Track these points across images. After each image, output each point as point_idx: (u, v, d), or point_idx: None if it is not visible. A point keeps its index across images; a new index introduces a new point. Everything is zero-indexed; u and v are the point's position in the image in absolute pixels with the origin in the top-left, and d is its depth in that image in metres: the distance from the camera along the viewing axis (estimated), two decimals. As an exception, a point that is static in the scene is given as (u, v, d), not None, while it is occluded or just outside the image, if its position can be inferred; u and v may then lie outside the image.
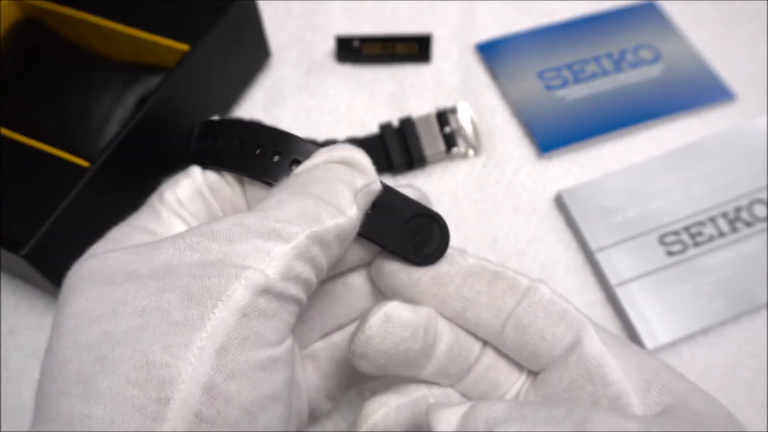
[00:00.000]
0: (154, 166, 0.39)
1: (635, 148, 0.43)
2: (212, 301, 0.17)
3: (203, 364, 0.17)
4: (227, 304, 0.17)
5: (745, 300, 0.36)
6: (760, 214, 0.39)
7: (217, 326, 0.17)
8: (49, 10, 0.42)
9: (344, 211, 0.20)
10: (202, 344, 0.17)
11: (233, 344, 0.17)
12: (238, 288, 0.17)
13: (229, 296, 0.17)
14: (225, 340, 0.17)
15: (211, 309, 0.17)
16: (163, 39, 0.39)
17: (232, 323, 0.17)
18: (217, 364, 0.17)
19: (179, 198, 0.24)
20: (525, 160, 0.43)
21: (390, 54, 0.47)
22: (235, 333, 0.17)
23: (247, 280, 0.18)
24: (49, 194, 0.32)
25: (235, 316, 0.17)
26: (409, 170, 0.42)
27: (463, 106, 0.43)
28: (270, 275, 0.18)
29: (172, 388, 0.16)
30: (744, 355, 0.35)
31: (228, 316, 0.17)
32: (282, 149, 0.23)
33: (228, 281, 0.18)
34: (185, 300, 0.17)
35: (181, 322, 0.17)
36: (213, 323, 0.17)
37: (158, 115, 0.37)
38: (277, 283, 0.18)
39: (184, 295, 0.18)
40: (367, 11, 0.51)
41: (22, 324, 0.37)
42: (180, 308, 0.17)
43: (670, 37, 0.48)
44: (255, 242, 0.19)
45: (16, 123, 0.37)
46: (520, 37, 0.49)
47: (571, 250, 0.39)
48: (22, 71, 0.42)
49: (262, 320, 0.18)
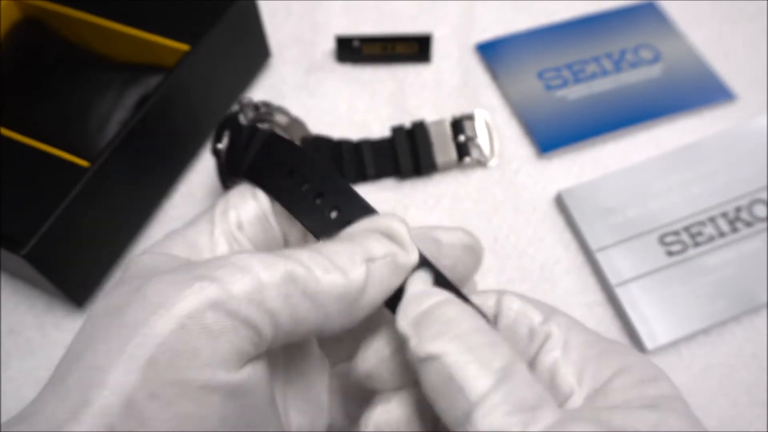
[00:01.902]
0: (153, 166, 0.39)
1: (635, 148, 0.43)
2: (157, 306, 0.16)
3: (130, 375, 0.16)
4: (168, 311, 0.16)
5: (745, 300, 0.36)
6: (760, 214, 0.39)
7: (150, 334, 0.16)
8: (49, 10, 0.42)
9: (345, 270, 0.18)
10: (133, 352, 0.16)
11: (163, 358, 0.16)
12: (187, 296, 0.16)
13: (173, 303, 0.16)
14: (154, 352, 0.16)
15: (152, 315, 0.16)
16: (163, 39, 0.39)
17: (166, 333, 0.16)
18: (143, 378, 0.16)
19: (241, 220, 0.22)
20: (525, 160, 0.43)
21: (390, 54, 0.47)
22: (167, 345, 0.16)
23: (201, 289, 0.16)
24: (49, 194, 0.32)
25: (171, 326, 0.16)
26: (417, 176, 0.42)
27: (480, 114, 0.43)
28: (231, 291, 0.17)
29: (96, 392, 0.15)
30: (744, 355, 0.35)
31: (163, 324, 0.16)
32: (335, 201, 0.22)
33: (184, 288, 0.17)
34: (141, 301, 0.17)
35: (128, 324, 0.16)
36: (147, 330, 0.16)
37: (158, 115, 0.37)
38: (234, 301, 0.17)
39: (143, 296, 0.17)
40: (367, 11, 0.51)
41: (22, 324, 0.37)
42: (134, 309, 0.17)
43: (670, 37, 0.48)
44: (234, 263, 0.17)
45: (16, 123, 0.37)
46: (520, 37, 0.49)
47: (571, 250, 0.39)
48: (22, 71, 0.42)
49: (203, 337, 0.16)
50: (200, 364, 0.16)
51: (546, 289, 0.38)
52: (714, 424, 0.33)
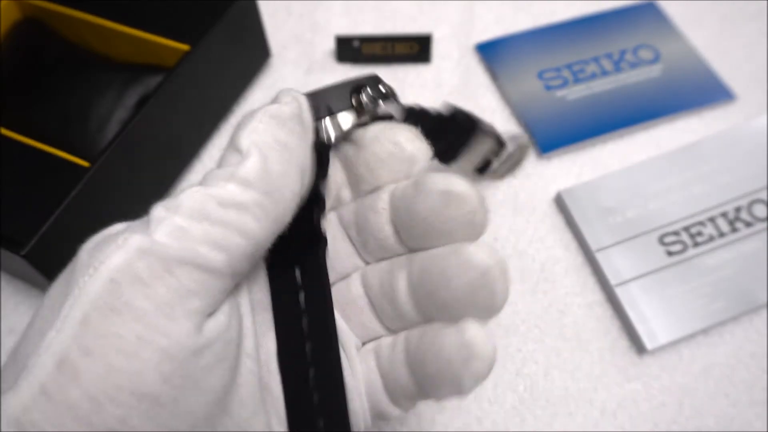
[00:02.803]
0: (153, 166, 0.39)
1: (635, 148, 0.43)
2: (88, 267, 0.16)
3: (63, 334, 0.16)
4: (98, 269, 0.16)
5: (745, 300, 0.36)
6: (760, 214, 0.39)
7: (82, 293, 0.16)
8: (49, 10, 0.42)
9: (239, 164, 0.18)
10: (67, 312, 0.16)
11: (96, 314, 0.16)
12: (114, 251, 0.16)
13: (102, 261, 0.16)
14: (88, 309, 0.16)
15: (83, 274, 0.16)
16: (163, 39, 0.39)
17: (98, 289, 0.16)
18: (76, 336, 0.15)
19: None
20: (525, 160, 0.43)
21: (390, 54, 0.47)
22: (100, 301, 0.16)
23: (125, 241, 0.16)
24: (49, 194, 0.32)
25: (102, 281, 0.16)
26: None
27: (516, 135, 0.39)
28: (156, 237, 0.16)
29: (33, 357, 0.16)
30: (744, 355, 0.35)
31: (94, 281, 0.16)
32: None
33: (113, 246, 0.16)
34: (76, 265, 0.17)
35: (65, 290, 0.17)
36: (79, 290, 0.16)
37: (158, 115, 0.37)
38: (160, 245, 0.16)
39: (78, 261, 0.17)
40: (367, 11, 0.51)
41: (22, 324, 0.37)
42: (70, 274, 0.17)
43: (670, 37, 0.48)
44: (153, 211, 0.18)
45: (16, 123, 0.37)
46: (520, 37, 0.49)
47: (571, 250, 0.39)
48: (22, 71, 0.42)
49: (136, 288, 0.16)
50: (134, 317, 0.16)
51: (546, 288, 0.38)
52: (714, 424, 0.33)
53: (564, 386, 0.35)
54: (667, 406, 0.34)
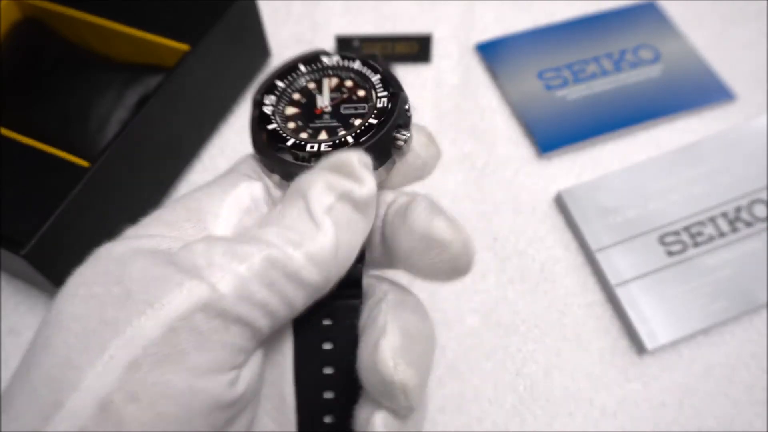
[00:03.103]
0: (153, 166, 0.39)
1: (635, 148, 0.43)
2: (144, 305, 0.16)
3: (108, 376, 0.15)
4: (157, 313, 0.16)
5: (745, 300, 0.36)
6: (760, 214, 0.39)
7: (136, 336, 0.15)
8: (49, 10, 0.42)
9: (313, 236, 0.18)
10: (114, 353, 0.15)
11: (148, 360, 0.15)
12: (176, 297, 0.16)
13: (162, 305, 0.16)
14: (140, 354, 0.15)
15: (138, 314, 0.16)
16: (163, 39, 0.39)
17: (155, 336, 0.15)
18: (122, 379, 0.15)
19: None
20: (525, 160, 0.43)
21: (390, 54, 0.47)
22: (154, 348, 0.15)
23: (189, 290, 0.16)
24: (49, 194, 0.32)
25: (161, 328, 0.15)
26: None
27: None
28: (220, 290, 0.16)
29: (68, 394, 0.15)
30: (744, 355, 0.35)
31: (152, 327, 0.15)
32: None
33: (170, 287, 0.16)
34: (124, 297, 0.16)
35: (109, 322, 0.16)
36: (132, 331, 0.15)
37: (158, 115, 0.37)
38: (224, 301, 0.16)
39: (126, 291, 0.16)
40: (367, 11, 0.51)
41: (22, 324, 0.37)
42: (115, 305, 0.16)
43: (670, 37, 0.48)
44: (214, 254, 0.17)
45: (16, 123, 0.37)
46: (520, 37, 0.49)
47: (571, 250, 0.39)
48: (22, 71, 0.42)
49: (192, 339, 0.16)
50: (187, 367, 0.16)
51: (546, 288, 0.38)
52: (714, 424, 0.33)
53: (564, 386, 0.35)
54: (668, 406, 0.34)
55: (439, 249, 0.20)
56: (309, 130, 0.23)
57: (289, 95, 0.24)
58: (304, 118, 0.23)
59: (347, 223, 0.19)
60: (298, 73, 0.24)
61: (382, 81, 0.23)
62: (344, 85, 0.24)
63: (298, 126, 0.23)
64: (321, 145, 0.21)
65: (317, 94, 0.24)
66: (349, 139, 0.21)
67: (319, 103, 0.23)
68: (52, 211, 0.32)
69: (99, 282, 0.17)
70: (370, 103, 0.23)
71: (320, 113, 0.23)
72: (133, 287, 0.16)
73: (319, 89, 0.24)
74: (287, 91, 0.24)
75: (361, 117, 0.23)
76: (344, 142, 0.21)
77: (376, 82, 0.23)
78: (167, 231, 0.19)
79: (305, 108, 0.23)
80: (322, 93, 0.24)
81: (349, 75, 0.24)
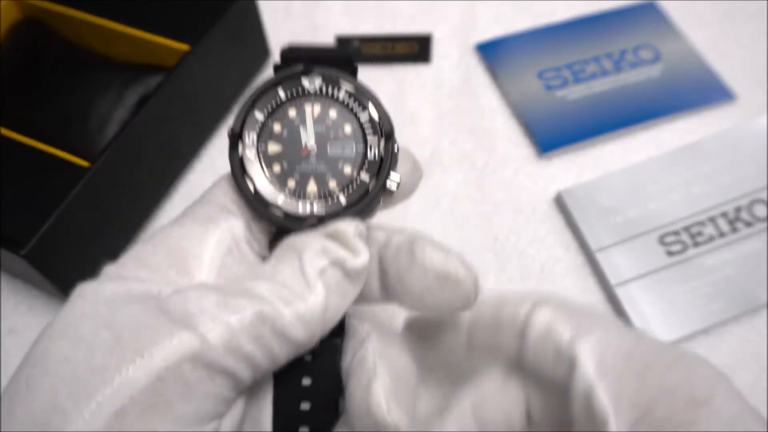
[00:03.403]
0: (153, 166, 0.39)
1: (635, 148, 0.43)
2: (133, 354, 0.16)
3: (94, 423, 0.15)
4: (145, 363, 0.16)
5: (745, 300, 0.36)
6: (760, 214, 0.39)
7: (124, 385, 0.15)
8: (49, 10, 0.42)
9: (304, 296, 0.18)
10: (102, 400, 0.15)
11: (135, 410, 0.15)
12: (165, 347, 0.16)
13: (151, 354, 0.16)
14: (127, 403, 0.15)
15: (127, 363, 0.16)
16: (163, 39, 0.39)
17: (142, 385, 0.16)
18: (108, 427, 0.15)
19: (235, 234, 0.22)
20: (525, 160, 0.43)
21: (390, 54, 0.47)
22: (141, 397, 0.15)
23: (179, 341, 0.16)
24: (49, 194, 0.32)
25: (149, 378, 0.16)
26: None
27: None
28: (209, 341, 0.16)
29: None
30: (744, 355, 0.35)
31: (141, 376, 0.16)
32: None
33: (160, 337, 0.16)
34: (114, 343, 0.16)
35: (98, 368, 0.16)
36: (121, 380, 0.15)
37: (158, 115, 0.37)
38: (212, 352, 0.16)
39: (116, 337, 0.16)
40: (367, 11, 0.51)
41: (22, 324, 0.37)
42: (105, 351, 0.16)
43: (670, 37, 0.48)
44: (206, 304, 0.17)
45: (16, 123, 0.37)
46: (520, 37, 0.49)
47: (571, 250, 0.39)
48: (22, 71, 0.42)
49: (179, 389, 0.16)
50: (173, 417, 0.16)
51: (546, 289, 0.38)
52: (714, 424, 0.33)
53: (564, 386, 0.35)
54: (667, 406, 0.34)
55: (454, 287, 0.21)
56: (296, 176, 0.22)
57: (270, 128, 0.22)
58: (289, 159, 0.22)
59: (337, 287, 0.19)
60: (277, 100, 0.22)
61: (371, 122, 0.22)
62: (329, 115, 0.22)
63: (283, 170, 0.22)
64: (314, 206, 0.21)
65: (300, 125, 0.22)
66: (341, 200, 0.21)
67: (303, 139, 0.22)
68: (52, 211, 0.32)
69: (88, 324, 0.17)
70: (359, 147, 0.22)
71: (306, 155, 0.22)
72: (123, 334, 0.16)
73: (301, 118, 0.22)
74: (267, 124, 0.22)
75: (350, 163, 0.22)
76: (337, 203, 0.21)
77: (364, 123, 0.22)
78: (149, 274, 0.19)
79: (288, 145, 0.22)
80: (306, 125, 0.22)
81: (333, 104, 0.22)
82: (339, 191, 0.21)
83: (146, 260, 0.20)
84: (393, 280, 0.22)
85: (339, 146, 0.22)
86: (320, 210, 0.21)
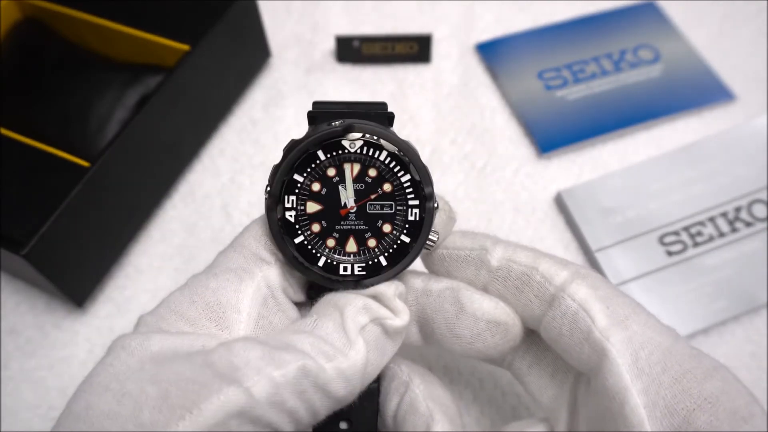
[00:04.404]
0: (153, 166, 0.39)
1: (635, 148, 0.43)
2: (182, 410, 0.16)
3: None
4: (195, 420, 0.16)
5: (745, 300, 0.36)
6: (760, 214, 0.39)
7: None
8: (49, 10, 0.42)
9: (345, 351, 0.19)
10: None
11: None
12: (213, 403, 0.16)
13: (200, 411, 0.16)
14: None
15: (176, 420, 0.16)
16: (163, 39, 0.39)
17: None
18: None
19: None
20: (525, 160, 0.43)
21: (390, 54, 0.47)
22: None
23: (227, 397, 0.17)
24: (49, 194, 0.32)
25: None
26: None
27: None
28: (254, 396, 0.17)
29: None
30: (744, 355, 0.35)
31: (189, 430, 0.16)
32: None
33: (208, 392, 0.16)
34: (161, 400, 0.16)
35: (146, 425, 0.16)
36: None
37: (158, 115, 0.37)
38: (257, 407, 0.17)
39: (163, 394, 0.17)
40: (367, 11, 0.51)
41: (22, 324, 0.37)
42: (152, 408, 0.16)
43: (670, 37, 0.48)
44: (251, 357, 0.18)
45: (16, 123, 0.37)
46: (520, 37, 0.49)
47: (571, 250, 0.39)
48: (22, 71, 0.42)
49: None
50: None
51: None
52: (714, 424, 0.33)
53: (564, 386, 0.35)
54: (667, 406, 0.34)
55: (504, 332, 0.22)
56: (335, 234, 0.22)
57: (308, 186, 0.22)
58: (329, 218, 0.22)
59: (377, 344, 0.20)
60: (317, 162, 0.22)
61: (412, 183, 0.22)
62: (368, 174, 0.22)
63: (323, 229, 0.22)
64: (354, 268, 0.22)
65: (339, 185, 0.22)
66: (382, 261, 0.22)
67: (342, 199, 0.22)
68: (52, 211, 0.32)
69: (132, 379, 0.17)
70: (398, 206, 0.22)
71: (345, 213, 0.22)
72: (170, 389, 0.17)
73: (340, 177, 0.22)
74: (305, 183, 0.22)
75: (389, 221, 0.22)
76: (377, 264, 0.22)
77: (405, 183, 0.22)
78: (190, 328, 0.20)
79: (328, 203, 0.22)
80: (345, 184, 0.22)
81: (373, 162, 0.22)
82: (379, 253, 0.22)
83: (185, 313, 0.20)
84: (441, 328, 0.23)
85: (378, 205, 0.22)
86: (360, 272, 0.22)
